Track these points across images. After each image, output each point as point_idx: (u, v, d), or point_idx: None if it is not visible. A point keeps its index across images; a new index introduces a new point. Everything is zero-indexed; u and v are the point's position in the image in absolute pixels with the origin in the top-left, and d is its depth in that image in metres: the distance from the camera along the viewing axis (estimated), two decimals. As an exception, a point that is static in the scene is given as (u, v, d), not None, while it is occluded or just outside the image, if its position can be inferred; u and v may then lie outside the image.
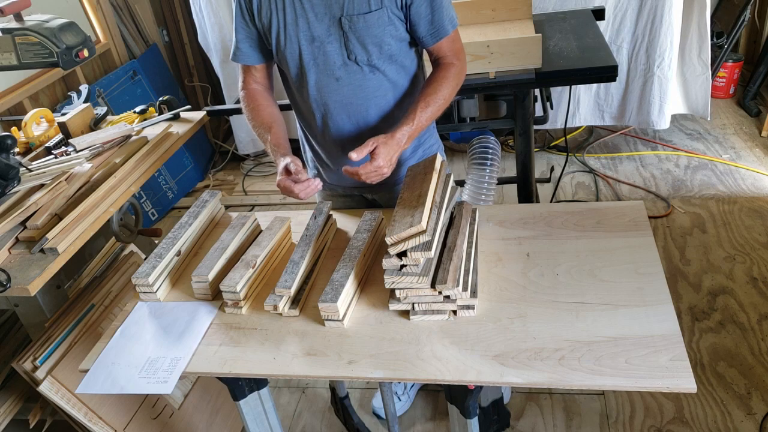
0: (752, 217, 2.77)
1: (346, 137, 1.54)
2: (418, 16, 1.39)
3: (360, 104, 1.49)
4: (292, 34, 1.41)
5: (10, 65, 1.77)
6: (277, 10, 1.40)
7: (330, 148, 1.60)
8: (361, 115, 1.50)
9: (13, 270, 1.47)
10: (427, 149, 1.65)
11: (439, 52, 1.47)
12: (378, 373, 1.13)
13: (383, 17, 1.37)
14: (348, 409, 1.85)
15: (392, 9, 1.37)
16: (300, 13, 1.39)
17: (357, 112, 1.50)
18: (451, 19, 1.44)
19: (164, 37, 3.85)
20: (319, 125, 1.55)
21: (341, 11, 1.36)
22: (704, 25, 2.98)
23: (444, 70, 1.46)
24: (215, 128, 4.13)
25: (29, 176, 1.78)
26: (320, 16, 1.38)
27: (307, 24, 1.39)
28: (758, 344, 2.14)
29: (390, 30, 1.39)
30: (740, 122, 3.56)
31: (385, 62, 1.44)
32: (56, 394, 1.57)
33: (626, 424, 1.95)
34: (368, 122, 1.52)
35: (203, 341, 1.26)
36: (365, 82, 1.46)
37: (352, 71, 1.44)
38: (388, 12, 1.37)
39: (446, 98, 1.44)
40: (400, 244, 1.17)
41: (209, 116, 2.25)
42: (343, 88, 1.46)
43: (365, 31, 1.38)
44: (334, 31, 1.39)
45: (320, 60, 1.43)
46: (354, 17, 1.36)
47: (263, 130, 1.52)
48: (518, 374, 1.07)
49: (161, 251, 1.44)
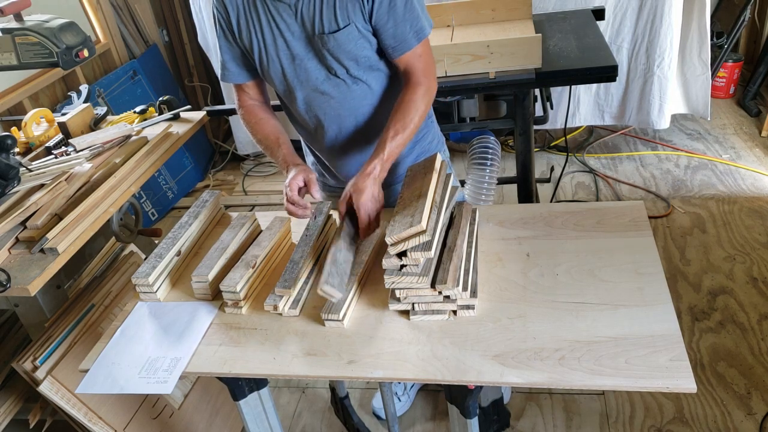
0: (752, 217, 2.77)
1: (340, 145, 1.55)
2: (379, 28, 1.36)
3: (348, 114, 1.49)
4: (273, 53, 1.41)
5: (10, 65, 1.77)
6: (256, 31, 1.39)
7: (327, 155, 1.61)
8: (352, 124, 1.51)
9: (13, 270, 1.47)
10: (426, 146, 1.64)
11: (406, 67, 1.42)
12: (378, 373, 1.13)
13: (352, 33, 1.35)
14: (348, 409, 1.85)
15: (359, 23, 1.35)
16: (277, 33, 1.38)
17: (347, 122, 1.50)
18: (418, 31, 1.38)
19: (164, 37, 3.85)
20: (314, 135, 1.56)
21: (312, 30, 1.36)
22: (704, 25, 2.98)
23: (411, 92, 1.41)
24: (215, 128, 4.13)
25: (29, 176, 1.78)
26: (296, 34, 1.38)
27: (285, 43, 1.39)
28: (758, 344, 2.14)
29: (362, 43, 1.38)
30: (740, 122, 3.56)
31: (365, 72, 1.43)
32: (56, 394, 1.57)
33: (626, 424, 1.95)
34: (359, 129, 1.52)
35: (203, 341, 1.26)
36: (350, 94, 1.45)
37: (336, 84, 1.44)
38: (356, 27, 1.35)
39: (416, 123, 1.40)
40: (400, 244, 1.17)
41: (209, 116, 2.25)
42: (330, 101, 1.46)
43: (338, 48, 1.37)
44: (311, 49, 1.39)
45: (303, 77, 1.43)
46: (325, 36, 1.35)
47: (271, 144, 1.52)
48: (518, 374, 1.07)
49: (161, 251, 1.44)
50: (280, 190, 3.61)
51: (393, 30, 1.35)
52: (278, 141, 1.50)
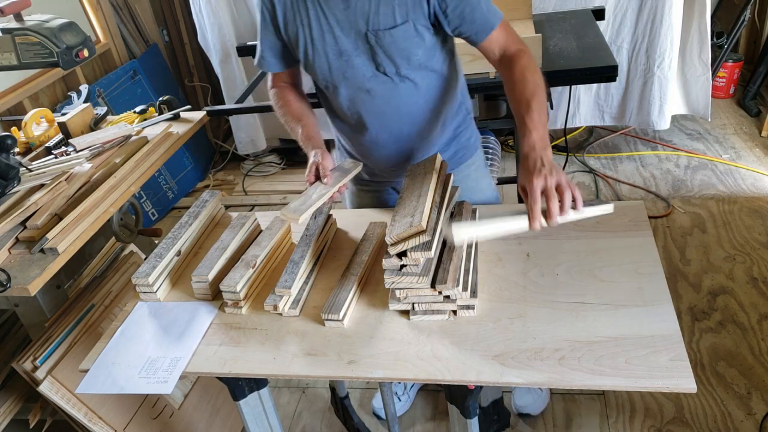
0: (752, 217, 2.77)
1: (381, 142, 1.54)
2: (457, 19, 1.33)
3: (392, 113, 1.48)
4: (320, 48, 1.39)
5: (10, 65, 1.77)
6: (303, 25, 1.38)
7: (366, 150, 1.59)
8: (395, 122, 1.49)
9: (13, 270, 1.47)
10: (464, 143, 1.61)
11: (497, 47, 1.38)
12: (378, 373, 1.13)
13: (409, 30, 1.33)
14: (348, 409, 1.85)
15: (419, 21, 1.32)
16: (326, 28, 1.36)
17: (390, 121, 1.49)
18: (495, 12, 1.36)
19: (164, 37, 3.85)
20: (354, 130, 1.55)
21: (366, 26, 1.33)
22: (704, 25, 2.98)
23: (517, 60, 1.34)
24: (215, 128, 4.13)
25: (29, 176, 1.78)
26: (346, 30, 1.35)
27: (333, 38, 1.37)
28: (758, 344, 2.14)
29: (417, 41, 1.36)
30: (740, 122, 3.57)
31: (414, 71, 1.41)
32: (56, 394, 1.57)
33: (626, 424, 1.95)
34: (401, 129, 1.51)
35: (203, 341, 1.26)
36: (396, 92, 1.44)
37: (382, 82, 1.42)
38: (414, 25, 1.32)
39: (540, 84, 1.30)
40: (400, 244, 1.17)
41: (209, 116, 2.25)
42: (374, 99, 1.45)
43: (392, 45, 1.35)
44: (360, 45, 1.37)
45: (349, 73, 1.41)
46: (380, 32, 1.33)
47: (293, 122, 1.51)
48: (518, 374, 1.07)
49: (161, 251, 1.44)
50: (280, 190, 3.63)
51: (471, 15, 1.32)
52: (300, 120, 1.50)
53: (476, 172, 1.69)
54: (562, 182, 1.14)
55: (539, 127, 1.22)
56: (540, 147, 1.18)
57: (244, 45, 2.87)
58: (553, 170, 1.15)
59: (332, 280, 1.36)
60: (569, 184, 1.15)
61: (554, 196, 1.14)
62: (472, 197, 1.57)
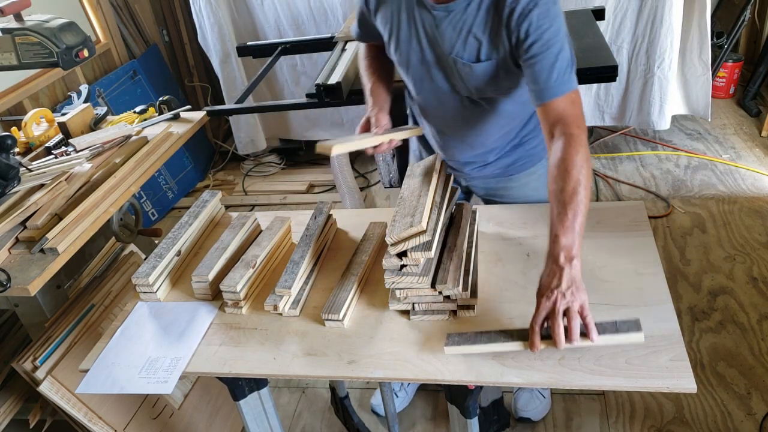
0: (752, 217, 2.77)
1: (450, 142, 1.55)
2: (525, 67, 1.24)
3: (460, 126, 1.48)
4: (404, 50, 1.39)
5: (10, 65, 1.77)
6: (393, 24, 1.37)
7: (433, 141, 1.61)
8: (464, 135, 1.50)
9: (13, 270, 1.47)
10: (530, 150, 1.56)
11: (551, 117, 1.22)
12: (378, 373, 1.13)
13: (489, 68, 1.30)
14: (348, 409, 1.85)
15: (504, 61, 1.28)
16: (413, 34, 1.35)
17: (460, 130, 1.50)
18: (567, 81, 1.21)
19: (164, 37, 3.85)
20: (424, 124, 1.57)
21: (451, 50, 1.32)
22: (704, 25, 2.98)
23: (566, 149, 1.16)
24: (215, 128, 4.13)
25: (29, 176, 1.78)
26: (431, 44, 1.34)
27: (419, 46, 1.36)
28: (758, 344, 2.14)
29: (495, 80, 1.32)
30: (740, 122, 3.56)
31: (489, 101, 1.40)
32: (56, 394, 1.57)
33: (626, 424, 1.95)
34: (471, 142, 1.52)
35: (203, 341, 1.26)
36: (469, 111, 1.43)
37: (455, 100, 1.42)
38: (497, 64, 1.29)
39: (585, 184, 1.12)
40: (400, 244, 1.17)
41: (209, 116, 2.25)
42: (447, 112, 1.46)
43: (470, 77, 1.34)
44: (441, 63, 1.36)
45: (427, 82, 1.42)
46: (460, 62, 1.32)
47: (367, 75, 1.52)
48: (518, 374, 1.07)
49: (161, 251, 1.44)
50: (280, 190, 3.63)
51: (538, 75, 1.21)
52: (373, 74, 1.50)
53: (536, 182, 1.60)
54: (573, 308, 1.03)
55: (569, 233, 1.08)
56: (564, 259, 1.07)
57: (244, 45, 2.87)
58: (569, 292, 1.04)
59: (332, 280, 1.36)
60: (582, 311, 1.04)
61: (559, 324, 1.03)
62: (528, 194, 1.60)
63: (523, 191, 1.61)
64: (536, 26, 1.20)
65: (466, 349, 1.11)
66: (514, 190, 1.62)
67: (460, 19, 1.28)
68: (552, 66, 1.21)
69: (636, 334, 1.04)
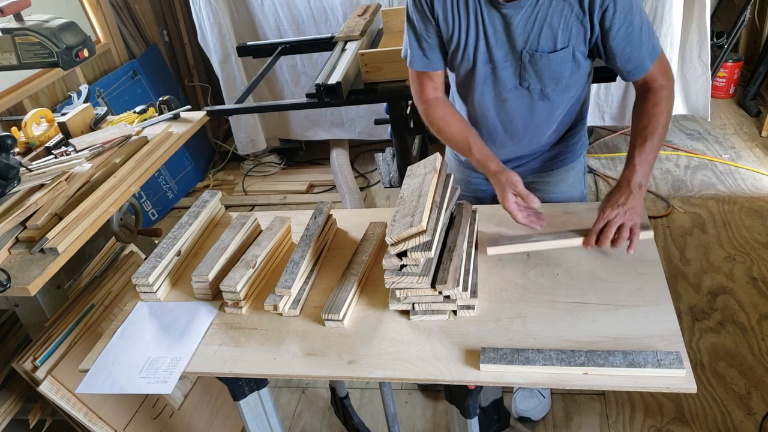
0: (752, 217, 2.77)
1: (498, 144, 1.54)
2: (614, 52, 1.31)
3: (519, 123, 1.48)
4: (470, 53, 1.38)
5: (10, 65, 1.77)
6: (459, 28, 1.35)
7: None
8: (518, 132, 1.50)
9: (13, 270, 1.47)
10: (571, 147, 1.59)
11: (643, 82, 1.37)
12: (378, 373, 1.13)
13: (567, 56, 1.32)
14: (348, 409, 1.85)
15: (578, 48, 1.32)
16: (481, 36, 1.35)
17: (515, 128, 1.49)
18: (652, 51, 1.33)
19: (164, 37, 3.85)
20: (477, 126, 1.53)
21: (524, 44, 1.32)
22: (704, 25, 2.98)
23: (653, 96, 1.34)
24: (215, 128, 4.13)
25: (29, 176, 1.78)
26: (501, 42, 1.34)
27: (486, 47, 1.36)
28: (758, 344, 2.14)
29: (571, 66, 1.35)
30: (740, 122, 3.57)
31: (558, 92, 1.41)
32: (56, 394, 1.57)
33: (626, 424, 1.95)
34: (523, 139, 1.51)
35: (203, 341, 1.26)
36: (532, 107, 1.44)
37: (521, 95, 1.42)
38: (573, 51, 1.32)
39: (663, 125, 1.33)
40: (400, 244, 1.17)
41: (209, 116, 2.25)
42: (508, 109, 1.45)
43: (546, 68, 1.34)
44: (511, 59, 1.36)
45: (491, 81, 1.41)
46: (536, 54, 1.32)
47: (461, 146, 1.46)
48: (518, 374, 1.07)
49: (161, 251, 1.44)
50: (280, 190, 3.63)
51: (629, 55, 1.31)
52: (468, 142, 1.43)
53: (573, 178, 1.65)
54: (626, 224, 1.26)
55: (645, 165, 1.30)
56: (635, 185, 1.28)
57: (244, 45, 2.87)
58: (629, 212, 1.26)
59: (332, 280, 1.36)
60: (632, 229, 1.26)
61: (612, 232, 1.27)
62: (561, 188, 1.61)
63: (559, 186, 1.63)
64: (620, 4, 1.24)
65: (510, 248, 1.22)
66: (551, 185, 1.64)
67: (532, 13, 1.29)
68: (639, 40, 1.29)
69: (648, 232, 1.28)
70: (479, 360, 1.09)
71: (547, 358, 1.07)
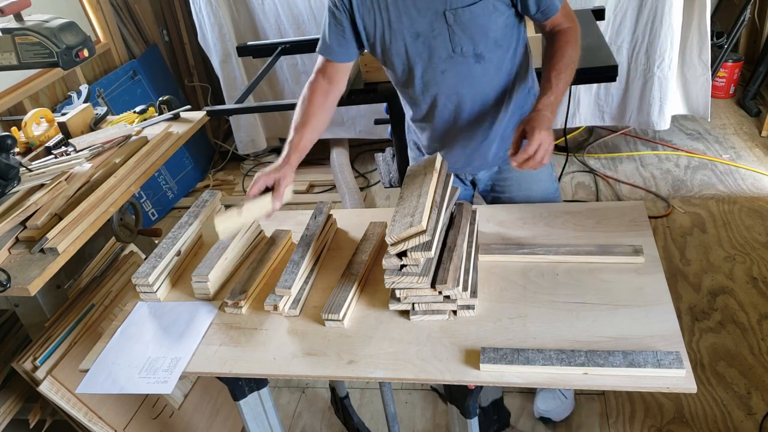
0: (752, 217, 2.77)
1: (452, 125, 1.56)
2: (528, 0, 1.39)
3: (465, 93, 1.50)
4: (397, 30, 1.42)
5: (10, 65, 1.77)
6: (380, 9, 1.40)
7: (439, 136, 1.61)
8: (467, 102, 1.51)
9: (13, 270, 1.47)
10: None
11: (551, 24, 1.45)
12: (378, 373, 1.13)
13: (487, 6, 1.36)
14: (348, 409, 1.85)
15: None
16: (403, 10, 1.39)
17: (463, 101, 1.51)
18: None
19: (164, 37, 3.85)
20: (425, 114, 1.57)
21: (445, 5, 1.35)
22: (704, 25, 2.98)
23: (563, 35, 1.43)
24: (215, 128, 4.13)
25: (29, 176, 1.78)
26: (423, 11, 1.38)
27: (410, 20, 1.39)
28: (758, 344, 2.14)
29: (495, 17, 1.38)
30: (740, 122, 3.56)
31: (491, 49, 1.43)
32: (56, 394, 1.57)
33: (626, 424, 1.95)
34: (473, 108, 1.53)
35: (203, 341, 1.26)
36: (471, 72, 1.46)
37: (458, 63, 1.44)
38: (492, 1, 1.36)
39: (574, 59, 1.42)
40: (400, 244, 1.17)
41: (209, 116, 2.25)
42: (449, 80, 1.47)
43: (471, 22, 1.37)
44: (437, 26, 1.39)
45: (425, 55, 1.44)
46: (458, 10, 1.35)
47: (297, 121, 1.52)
48: (518, 374, 1.07)
49: (161, 251, 1.44)
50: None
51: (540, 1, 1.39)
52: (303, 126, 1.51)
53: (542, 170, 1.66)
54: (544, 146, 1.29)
55: (558, 94, 1.37)
56: (552, 110, 1.35)
57: (244, 45, 2.87)
58: (550, 133, 1.31)
59: (332, 280, 1.36)
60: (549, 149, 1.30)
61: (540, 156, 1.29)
62: (530, 186, 1.61)
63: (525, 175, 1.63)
64: None
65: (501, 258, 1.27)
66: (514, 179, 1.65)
67: None
68: None
69: None
70: (479, 360, 1.09)
71: (547, 358, 1.07)
